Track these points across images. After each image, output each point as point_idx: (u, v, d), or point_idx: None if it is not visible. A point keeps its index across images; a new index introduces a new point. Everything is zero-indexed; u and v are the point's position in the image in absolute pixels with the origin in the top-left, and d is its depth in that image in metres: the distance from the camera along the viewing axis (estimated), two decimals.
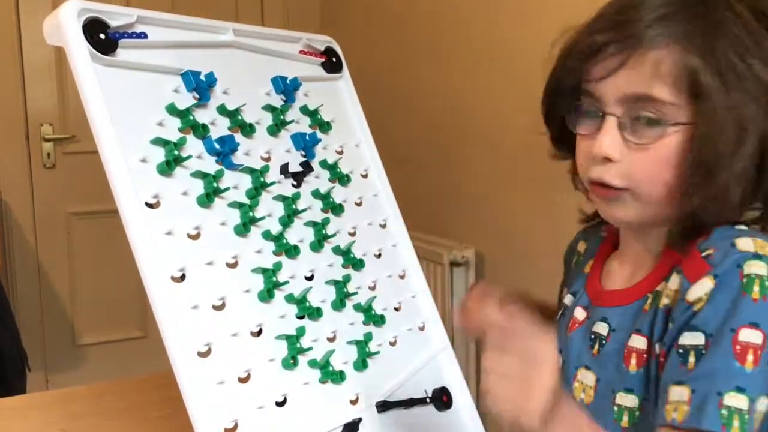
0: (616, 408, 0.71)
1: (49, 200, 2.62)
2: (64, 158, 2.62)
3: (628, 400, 0.70)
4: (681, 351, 0.64)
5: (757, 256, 0.62)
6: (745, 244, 0.64)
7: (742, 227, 0.68)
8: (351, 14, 2.65)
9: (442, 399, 0.77)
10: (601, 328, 0.74)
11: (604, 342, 0.73)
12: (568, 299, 0.82)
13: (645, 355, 0.69)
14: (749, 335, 0.61)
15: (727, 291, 0.62)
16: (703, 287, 0.63)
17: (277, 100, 0.75)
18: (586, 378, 0.74)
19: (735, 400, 0.60)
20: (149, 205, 0.60)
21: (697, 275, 0.64)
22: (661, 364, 0.67)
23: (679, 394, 0.63)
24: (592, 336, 0.75)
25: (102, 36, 0.61)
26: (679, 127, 0.66)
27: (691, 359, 0.63)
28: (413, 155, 2.23)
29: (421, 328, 0.80)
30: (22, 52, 2.53)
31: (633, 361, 0.70)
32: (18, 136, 2.57)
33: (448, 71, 2.06)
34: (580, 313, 0.78)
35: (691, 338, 0.63)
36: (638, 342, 0.70)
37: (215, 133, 0.67)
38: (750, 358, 0.60)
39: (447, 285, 1.99)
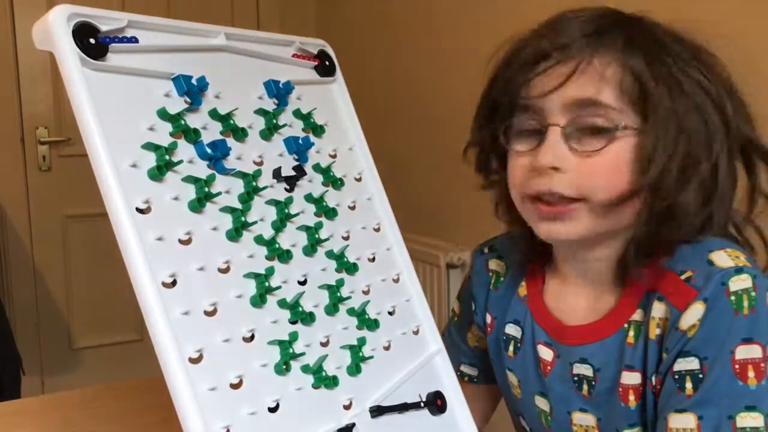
0: None
1: (45, 203, 2.62)
2: (60, 161, 2.62)
3: None
4: (676, 377, 0.63)
5: (738, 270, 0.61)
6: (721, 259, 0.63)
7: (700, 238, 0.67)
8: (346, 18, 2.65)
9: (436, 403, 0.77)
10: (585, 370, 0.72)
11: (593, 383, 0.71)
12: (512, 329, 0.80)
13: (641, 389, 0.68)
14: (745, 351, 0.60)
15: (718, 313, 0.61)
16: (695, 313, 0.62)
17: (270, 104, 0.75)
18: (585, 420, 0.73)
19: (748, 419, 0.60)
20: (140, 211, 0.60)
21: (684, 302, 0.62)
22: (658, 392, 0.66)
23: (683, 422, 0.61)
24: (575, 378, 0.73)
25: (92, 41, 0.61)
26: (625, 133, 0.64)
27: (688, 385, 0.62)
28: (408, 158, 2.23)
29: (416, 332, 0.80)
30: (17, 55, 2.53)
31: (631, 397, 0.68)
32: (13, 139, 2.57)
33: (442, 74, 2.06)
34: (546, 354, 0.76)
35: (686, 363, 0.62)
36: (632, 379, 0.68)
37: (207, 137, 0.67)
38: (751, 374, 0.60)
39: (443, 287, 2.00)
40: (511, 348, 0.81)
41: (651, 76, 0.64)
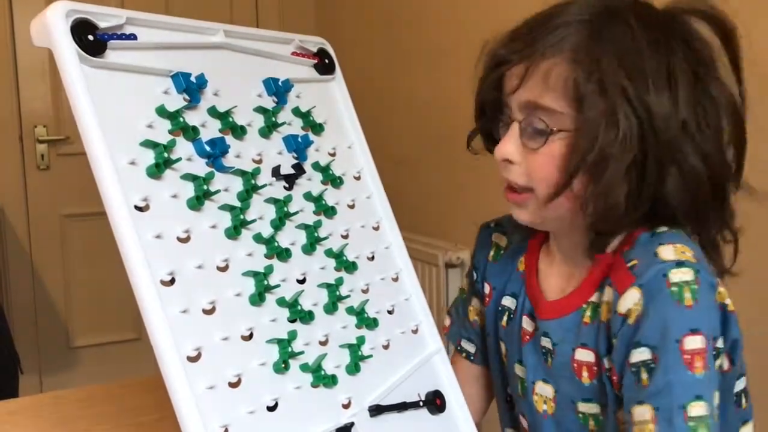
0: (580, 415, 0.73)
1: (43, 202, 2.62)
2: (58, 160, 2.62)
3: (588, 407, 0.73)
4: (634, 369, 0.65)
5: (679, 264, 0.65)
6: (666, 252, 0.66)
7: (663, 229, 0.70)
8: (345, 16, 2.65)
9: (435, 402, 0.76)
10: (546, 343, 0.76)
11: (552, 356, 0.75)
12: (509, 301, 0.84)
13: (595, 368, 0.71)
14: (693, 342, 0.63)
15: (659, 302, 0.64)
16: (631, 298, 0.65)
17: (269, 102, 0.75)
18: (545, 390, 0.76)
19: (697, 409, 0.62)
20: (138, 208, 0.60)
21: (623, 286, 0.66)
22: (614, 382, 0.69)
23: (641, 414, 0.64)
24: (543, 350, 0.77)
25: (90, 37, 0.61)
26: (563, 134, 0.68)
27: (644, 375, 0.64)
28: (407, 156, 2.23)
29: (415, 331, 0.80)
30: (15, 53, 2.52)
31: (585, 374, 0.72)
32: (11, 137, 2.56)
33: (441, 72, 2.06)
34: (528, 324, 0.80)
35: (639, 354, 0.65)
36: (585, 356, 0.72)
37: (206, 135, 0.67)
38: (698, 363, 0.62)
39: (442, 286, 1.99)
40: (505, 318, 0.84)
41: (588, 81, 0.67)
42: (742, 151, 0.71)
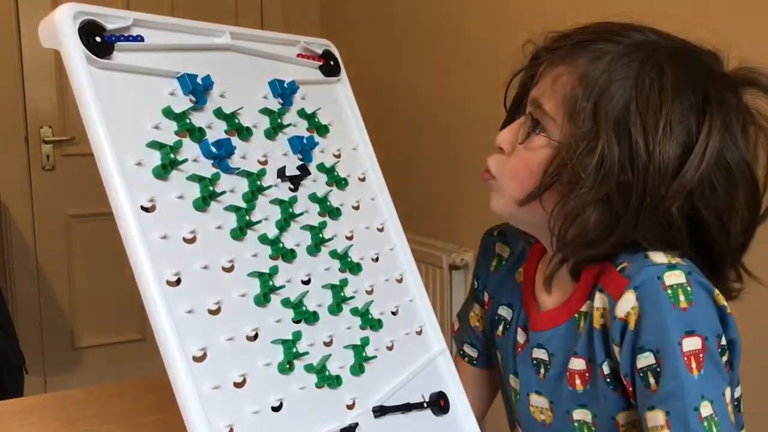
0: (576, 424, 0.74)
1: (48, 202, 2.63)
2: (64, 160, 2.63)
3: (582, 414, 0.73)
4: (641, 375, 0.65)
5: (671, 266, 0.65)
6: (657, 256, 0.66)
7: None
8: (350, 18, 2.66)
9: (439, 403, 0.77)
10: (541, 354, 0.76)
11: (548, 367, 0.75)
12: (505, 311, 0.84)
13: (587, 374, 0.72)
14: (690, 344, 0.63)
15: (656, 305, 0.63)
16: (627, 302, 0.65)
17: (275, 104, 0.75)
18: (540, 402, 0.77)
19: (705, 408, 0.62)
20: (145, 209, 0.60)
21: (618, 291, 0.66)
22: (629, 392, 0.68)
23: (654, 419, 0.64)
24: (534, 362, 0.77)
25: (98, 39, 0.61)
26: (547, 140, 0.69)
27: (651, 380, 0.64)
28: (411, 158, 2.23)
29: (419, 332, 0.80)
30: (21, 54, 2.53)
31: (578, 381, 0.72)
32: (17, 138, 2.57)
33: (446, 74, 2.06)
34: (521, 336, 0.80)
35: (644, 360, 0.64)
36: (578, 364, 0.72)
37: (212, 136, 0.67)
38: (694, 365, 0.63)
39: (446, 288, 2.00)
40: (500, 328, 0.85)
41: (588, 100, 0.66)
42: (751, 230, 0.69)
